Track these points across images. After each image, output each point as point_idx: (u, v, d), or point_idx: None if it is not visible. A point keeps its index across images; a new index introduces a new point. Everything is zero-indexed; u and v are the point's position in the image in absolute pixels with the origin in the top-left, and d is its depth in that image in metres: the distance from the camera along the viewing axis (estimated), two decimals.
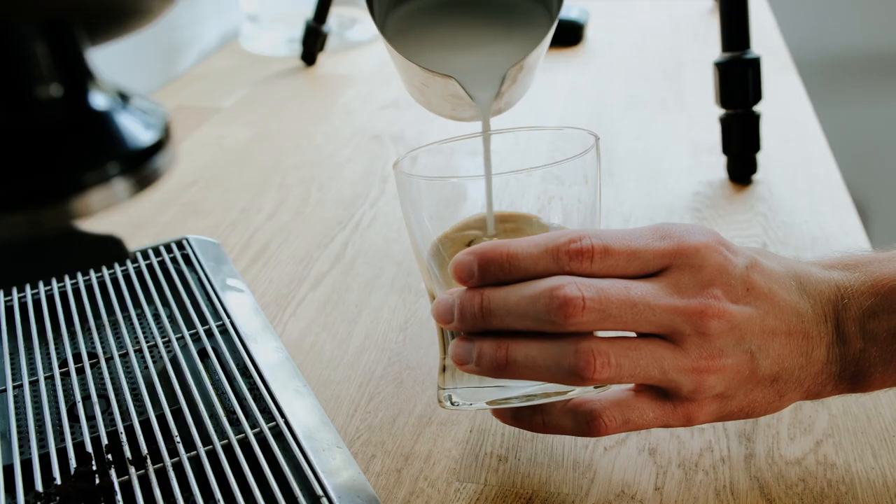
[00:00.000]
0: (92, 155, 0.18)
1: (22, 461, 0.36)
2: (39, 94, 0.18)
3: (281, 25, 1.07)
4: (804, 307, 0.33)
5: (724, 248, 0.32)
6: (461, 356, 0.33)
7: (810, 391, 0.33)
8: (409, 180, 0.35)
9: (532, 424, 0.35)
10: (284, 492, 0.34)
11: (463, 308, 0.32)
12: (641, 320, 0.30)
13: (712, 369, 0.31)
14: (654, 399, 0.32)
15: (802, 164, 0.66)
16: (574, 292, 0.29)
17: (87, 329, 0.46)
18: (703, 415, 0.32)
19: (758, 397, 0.33)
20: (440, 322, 0.33)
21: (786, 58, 0.90)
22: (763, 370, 0.32)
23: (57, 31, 0.18)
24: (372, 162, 0.72)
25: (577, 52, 0.97)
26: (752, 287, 0.32)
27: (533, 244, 0.31)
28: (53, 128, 0.18)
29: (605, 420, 0.32)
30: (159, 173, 0.19)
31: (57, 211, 0.17)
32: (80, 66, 0.19)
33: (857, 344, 0.33)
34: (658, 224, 0.33)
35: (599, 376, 0.30)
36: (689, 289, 0.31)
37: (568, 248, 0.31)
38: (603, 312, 0.30)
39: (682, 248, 0.31)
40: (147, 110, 0.20)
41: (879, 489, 0.36)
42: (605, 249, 0.31)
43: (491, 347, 0.32)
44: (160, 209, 0.65)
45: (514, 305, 0.31)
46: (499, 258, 0.31)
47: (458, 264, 0.32)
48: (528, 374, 0.31)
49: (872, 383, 0.33)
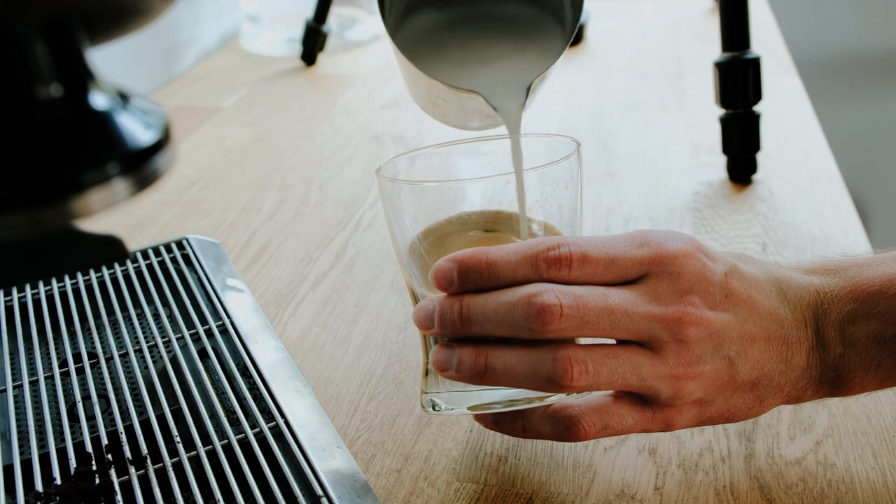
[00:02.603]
0: (92, 155, 0.18)
1: (22, 461, 0.36)
2: (39, 94, 0.18)
3: (281, 25, 1.07)
4: (784, 313, 0.33)
5: (703, 255, 0.32)
6: (441, 362, 0.33)
7: (791, 396, 0.34)
8: (391, 185, 0.35)
9: (512, 429, 0.35)
10: (284, 492, 0.34)
11: (443, 314, 0.32)
12: (619, 328, 0.30)
13: (690, 376, 0.31)
14: (633, 405, 0.32)
15: (802, 164, 0.66)
16: (551, 300, 0.29)
17: (87, 329, 0.46)
18: (683, 420, 0.33)
19: (737, 402, 0.33)
20: (420, 328, 0.34)
21: (786, 58, 0.90)
22: (742, 376, 0.32)
23: (57, 31, 0.18)
24: (372, 162, 0.72)
25: (577, 52, 0.97)
26: (731, 293, 0.32)
27: (512, 252, 0.31)
28: (53, 128, 0.18)
29: (584, 425, 0.32)
30: (159, 173, 0.19)
31: (57, 211, 0.17)
32: (80, 66, 0.19)
33: (837, 349, 0.33)
34: (637, 231, 0.33)
35: (577, 384, 0.30)
36: (666, 296, 0.31)
37: (546, 256, 0.31)
38: (580, 320, 0.30)
39: (660, 256, 0.31)
40: (147, 110, 0.20)
41: (879, 489, 0.36)
42: (583, 257, 0.31)
43: (470, 355, 0.32)
44: (160, 209, 0.65)
45: (492, 312, 0.31)
46: (478, 266, 0.31)
47: (438, 271, 0.32)
48: (506, 381, 0.32)
49: (853, 387, 0.33)
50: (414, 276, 0.36)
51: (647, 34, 1.02)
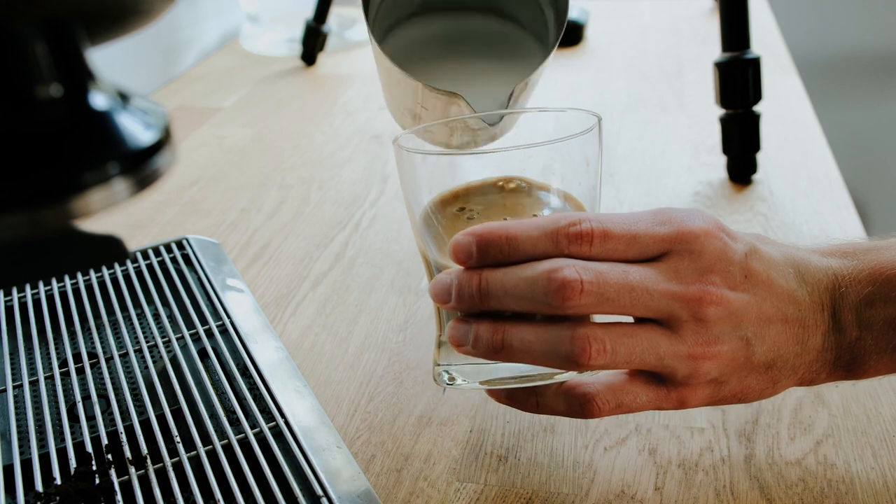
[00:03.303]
0: (92, 155, 0.18)
1: (22, 461, 0.36)
2: (39, 94, 0.18)
3: (281, 25, 1.07)
4: (801, 295, 0.33)
5: (724, 235, 0.32)
6: (458, 338, 0.33)
7: (804, 378, 0.34)
8: (408, 155, 0.35)
9: (526, 405, 0.35)
10: (284, 492, 0.34)
11: (461, 289, 0.32)
12: (639, 305, 0.30)
13: (708, 356, 0.31)
14: (647, 383, 0.32)
15: (802, 164, 0.66)
16: (572, 275, 0.29)
17: (87, 329, 0.46)
18: (696, 399, 0.33)
19: (752, 383, 0.33)
20: (437, 302, 0.33)
21: (786, 58, 0.90)
22: (758, 357, 0.32)
23: (57, 31, 0.18)
24: (372, 162, 0.72)
25: (577, 52, 0.97)
26: (751, 274, 0.32)
27: (533, 227, 0.31)
28: (53, 128, 0.18)
29: (598, 403, 0.32)
30: (159, 173, 0.19)
31: (57, 211, 0.17)
32: (80, 66, 0.19)
33: (853, 332, 0.33)
34: (659, 209, 0.33)
35: (595, 363, 0.30)
36: (687, 275, 0.31)
37: (567, 232, 0.30)
38: (601, 296, 0.30)
39: (681, 234, 0.31)
40: (147, 110, 0.20)
41: (879, 489, 0.36)
42: (604, 233, 0.30)
43: (487, 331, 0.32)
44: (160, 209, 0.65)
45: (511, 287, 0.31)
46: (498, 240, 0.31)
47: (456, 245, 0.32)
48: (523, 358, 0.32)
49: (867, 371, 0.34)
50: (428, 245, 0.36)
51: (647, 34, 1.02)
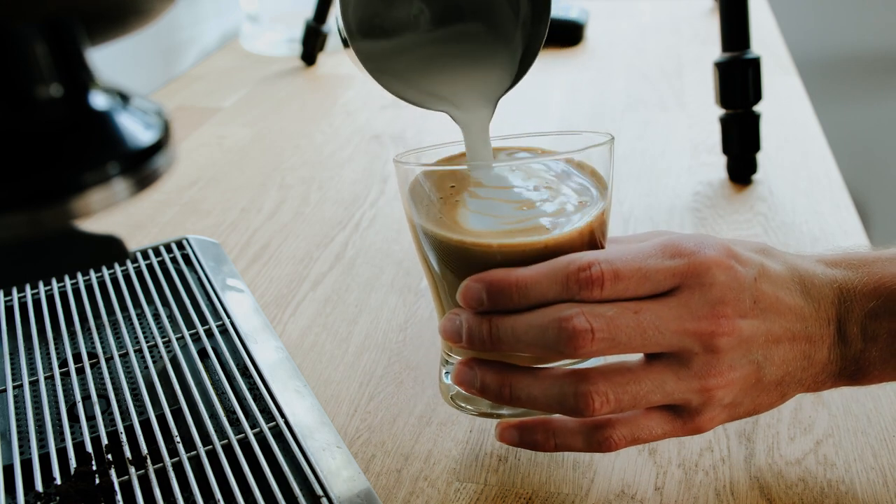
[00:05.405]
0: (92, 155, 0.18)
1: (22, 461, 0.36)
2: (39, 94, 0.18)
3: (281, 25, 1.07)
4: (808, 310, 0.33)
5: (734, 262, 0.32)
6: (465, 382, 0.34)
7: (810, 387, 0.34)
8: (409, 169, 0.36)
9: (545, 446, 0.35)
10: (284, 492, 0.34)
11: (471, 332, 0.33)
12: (651, 344, 0.31)
13: (721, 385, 0.31)
14: (663, 415, 0.33)
15: (802, 164, 0.66)
16: (583, 324, 0.30)
17: (87, 329, 0.46)
18: (713, 424, 0.33)
19: (763, 400, 0.33)
20: (448, 341, 0.34)
21: (786, 58, 0.90)
22: (769, 377, 0.32)
23: (57, 31, 0.18)
24: (372, 162, 0.72)
25: (577, 52, 0.97)
26: (760, 298, 0.32)
27: (542, 273, 0.31)
28: (53, 128, 0.18)
29: (615, 439, 0.33)
30: (159, 173, 0.19)
31: (57, 211, 0.17)
32: (80, 66, 0.19)
33: (858, 345, 0.33)
34: (667, 239, 0.32)
35: (600, 413, 0.31)
36: (699, 308, 0.31)
37: (578, 277, 0.30)
38: (612, 341, 0.30)
39: (693, 267, 0.31)
40: (147, 110, 0.20)
41: (879, 489, 0.36)
42: (615, 275, 0.31)
43: (494, 381, 0.33)
44: (160, 209, 0.65)
45: (522, 334, 0.31)
46: (508, 287, 0.31)
47: (466, 291, 0.32)
48: (530, 407, 0.33)
49: (871, 379, 0.34)
50: (430, 257, 0.36)
51: (647, 34, 1.02)
